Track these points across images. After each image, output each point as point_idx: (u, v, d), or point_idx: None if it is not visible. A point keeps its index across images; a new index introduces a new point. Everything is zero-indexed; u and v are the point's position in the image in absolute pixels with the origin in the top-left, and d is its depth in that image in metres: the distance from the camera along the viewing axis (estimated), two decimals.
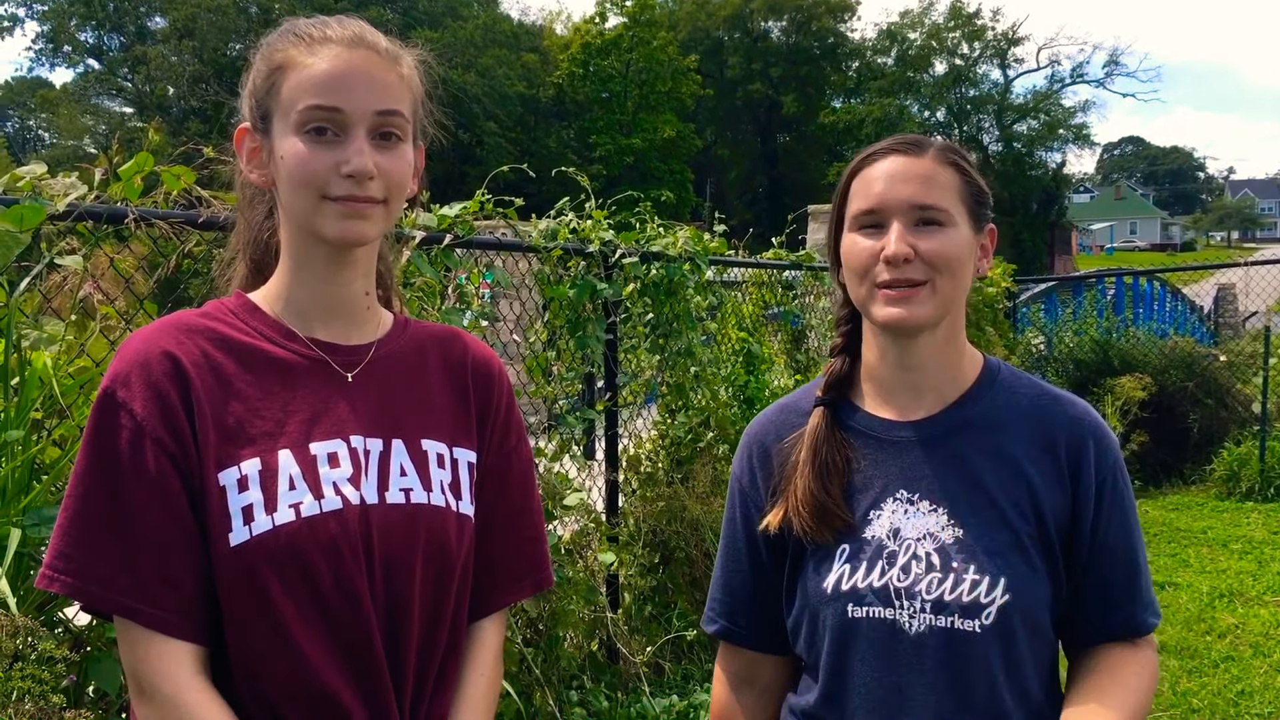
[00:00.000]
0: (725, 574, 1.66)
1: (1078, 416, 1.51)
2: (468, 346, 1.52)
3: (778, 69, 55.50)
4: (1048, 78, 55.94)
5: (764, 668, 1.64)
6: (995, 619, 1.40)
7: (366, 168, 1.27)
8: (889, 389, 1.55)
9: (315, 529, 1.26)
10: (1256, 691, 4.49)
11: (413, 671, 1.34)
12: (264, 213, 1.43)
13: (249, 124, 1.36)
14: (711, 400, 4.88)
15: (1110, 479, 1.49)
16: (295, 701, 1.26)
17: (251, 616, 1.24)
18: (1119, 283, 12.04)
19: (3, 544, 1.90)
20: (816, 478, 1.51)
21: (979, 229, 1.50)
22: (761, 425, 1.67)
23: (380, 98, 1.30)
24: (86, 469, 1.23)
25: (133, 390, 1.24)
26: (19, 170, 2.29)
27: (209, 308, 1.38)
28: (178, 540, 1.23)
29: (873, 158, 1.50)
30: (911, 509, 1.48)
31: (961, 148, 1.54)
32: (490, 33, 47.97)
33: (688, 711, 3.88)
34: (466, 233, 3.28)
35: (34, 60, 73.56)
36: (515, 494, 1.50)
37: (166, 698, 1.21)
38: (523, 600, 1.80)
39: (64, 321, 2.30)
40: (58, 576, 1.21)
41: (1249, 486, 8.14)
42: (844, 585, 1.47)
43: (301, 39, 1.32)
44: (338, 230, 1.29)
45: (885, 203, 1.45)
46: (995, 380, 1.54)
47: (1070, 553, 1.47)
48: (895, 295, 1.43)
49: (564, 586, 3.56)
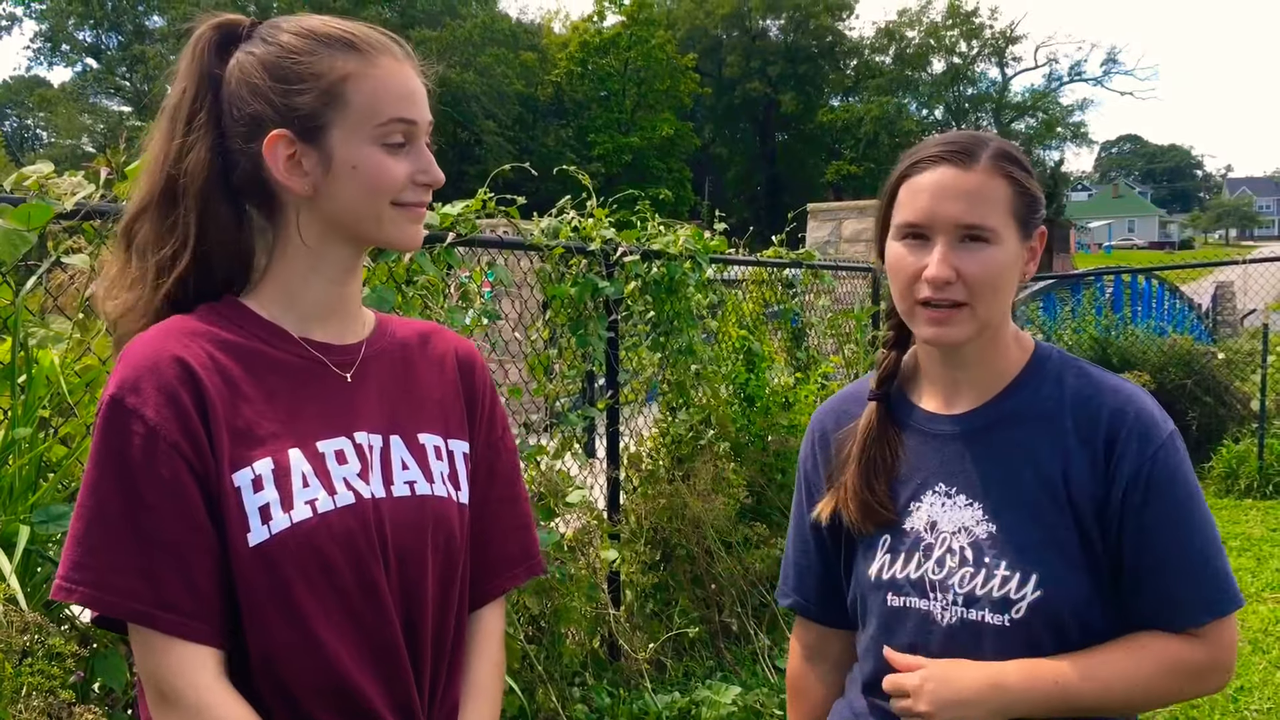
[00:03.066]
0: (794, 552, 1.72)
1: (1119, 406, 1.47)
2: (449, 341, 1.55)
3: (776, 67, 55.50)
4: (1045, 76, 56.08)
5: (834, 641, 1.70)
6: (1025, 615, 1.41)
7: (440, 177, 1.36)
8: (937, 383, 1.57)
9: (332, 525, 1.27)
10: (1255, 688, 4.50)
11: (429, 661, 1.37)
12: (232, 214, 1.36)
13: (286, 131, 1.31)
14: (712, 398, 4.89)
15: (1150, 468, 1.43)
16: (320, 696, 1.27)
17: (274, 615, 1.24)
18: (1117, 281, 12.05)
19: (11, 541, 1.91)
20: (863, 474, 1.54)
21: (1028, 236, 1.48)
22: (825, 412, 1.72)
23: (427, 107, 1.38)
24: (99, 477, 1.22)
25: (144, 396, 1.23)
26: (26, 169, 2.30)
27: (202, 311, 1.35)
28: (195, 545, 1.22)
29: (921, 165, 1.46)
30: (949, 502, 1.50)
31: (1015, 149, 1.50)
32: (488, 31, 47.92)
33: (689, 708, 3.89)
34: (469, 231, 3.29)
35: (32, 59, 73.68)
36: (505, 483, 1.53)
37: (190, 704, 1.20)
38: (518, 588, 1.82)
39: (70, 320, 2.30)
40: (75, 588, 1.20)
41: (1248, 484, 8.16)
42: (884, 575, 1.51)
43: (352, 48, 1.32)
44: (408, 235, 1.37)
45: (931, 219, 1.43)
46: (1042, 370, 1.53)
47: (1112, 545, 1.44)
48: (936, 316, 1.44)
49: (566, 584, 3.57)
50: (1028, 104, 53.20)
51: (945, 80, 53.78)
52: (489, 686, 1.46)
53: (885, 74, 54.59)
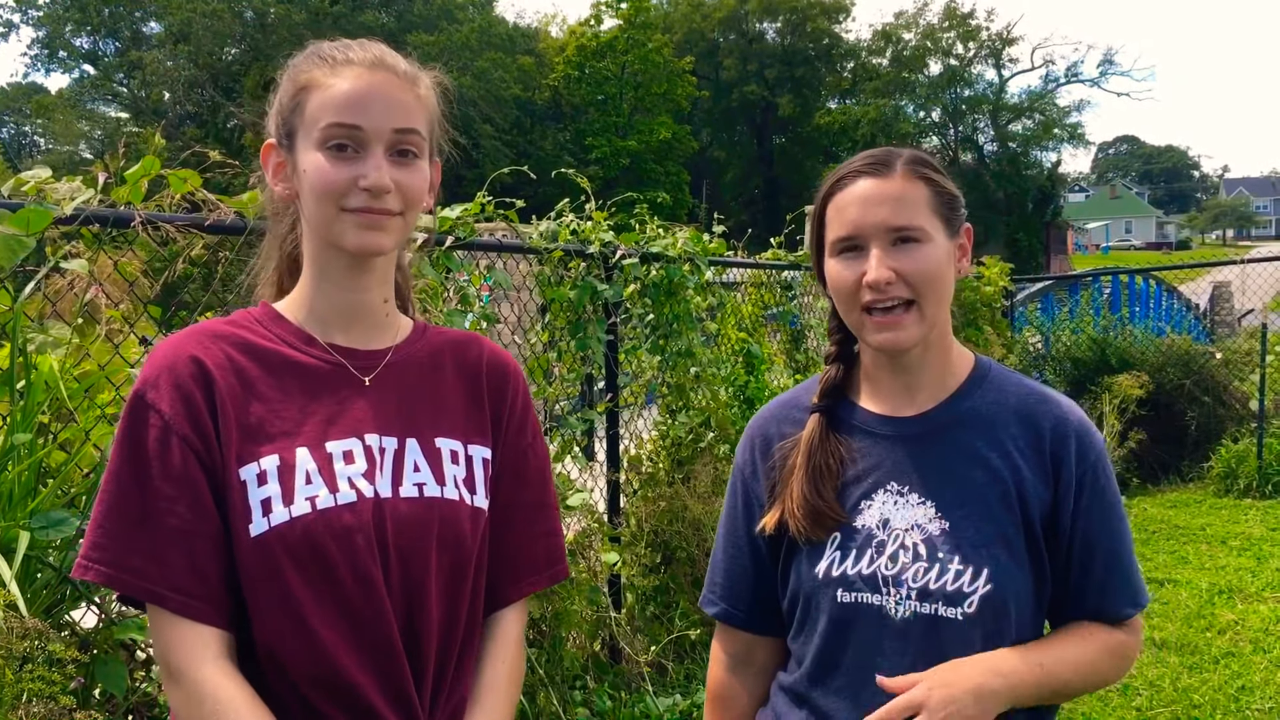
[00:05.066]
0: (726, 559, 1.74)
1: (1063, 415, 1.56)
2: (484, 349, 1.58)
3: (773, 70, 55.50)
4: (1042, 78, 56.14)
5: (760, 649, 1.72)
6: (977, 607, 1.47)
7: (383, 183, 1.35)
8: (884, 389, 1.62)
9: (330, 520, 1.32)
10: (1257, 687, 4.50)
11: (434, 658, 1.39)
12: (288, 225, 1.51)
13: (275, 140, 1.44)
14: (712, 400, 4.89)
15: (1091, 474, 1.53)
16: (316, 685, 1.32)
17: (271, 604, 1.30)
18: (1115, 281, 12.04)
19: (11, 547, 1.91)
20: (810, 482, 1.58)
21: (954, 233, 1.56)
22: (764, 418, 1.74)
23: (398, 116, 1.38)
24: (119, 465, 1.30)
25: (161, 392, 1.32)
26: (24, 174, 2.30)
27: (236, 316, 1.46)
28: (202, 532, 1.30)
29: (843, 182, 1.55)
30: (901, 500, 1.55)
31: (927, 154, 1.59)
32: (485, 36, 47.90)
33: (690, 711, 3.89)
34: (467, 235, 3.29)
35: (29, 65, 73.66)
36: (533, 489, 1.56)
37: (191, 679, 1.27)
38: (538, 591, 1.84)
39: (69, 325, 2.30)
40: (92, 565, 1.28)
41: (1247, 483, 8.15)
42: (834, 571, 1.54)
43: (325, 61, 1.40)
44: (356, 240, 1.38)
45: (861, 229, 1.51)
46: (985, 379, 1.61)
47: (1053, 544, 1.53)
48: (884, 321, 1.50)
49: (567, 587, 3.56)
50: (1025, 105, 53.13)
51: (942, 82, 53.71)
52: (501, 687, 1.48)
53: (882, 76, 54.55)
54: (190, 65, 43.26)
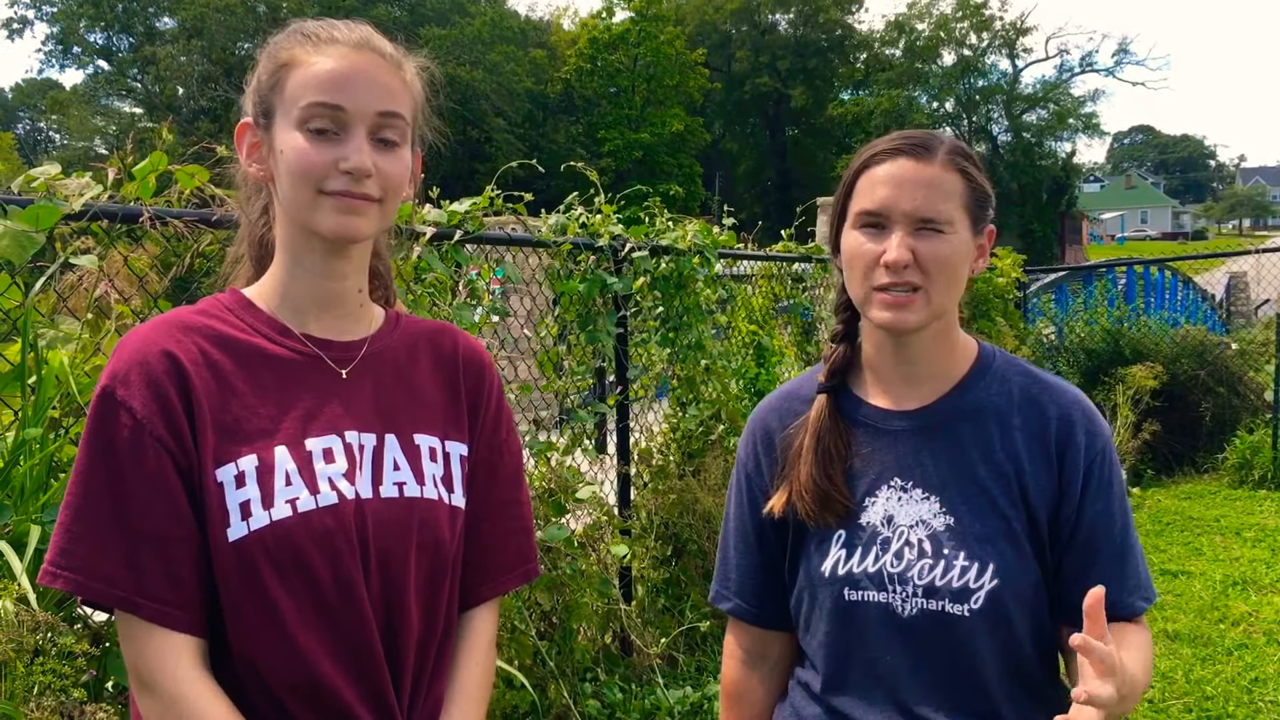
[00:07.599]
0: (735, 554, 1.71)
1: (1067, 404, 1.54)
2: (458, 340, 1.54)
3: (785, 62, 55.36)
4: (1057, 67, 55.76)
5: (774, 644, 1.71)
6: (984, 603, 1.45)
7: (365, 165, 1.29)
8: (886, 379, 1.60)
9: (311, 524, 1.28)
10: (1270, 679, 4.48)
11: (411, 662, 1.36)
12: (260, 209, 1.45)
13: (251, 119, 1.38)
14: (722, 393, 4.89)
15: (1096, 465, 1.51)
16: (295, 692, 1.28)
17: (249, 610, 1.26)
18: (1130, 272, 11.96)
19: (23, 541, 1.92)
20: (819, 464, 1.56)
21: (978, 231, 1.53)
22: (765, 411, 1.71)
23: (382, 99, 1.33)
24: (88, 466, 1.24)
25: (132, 389, 1.25)
26: (33, 171, 2.31)
27: (205, 304, 1.39)
28: (177, 536, 1.25)
29: (880, 157, 1.51)
30: (905, 496, 1.53)
31: (969, 147, 1.56)
32: (497, 29, 47.90)
33: (701, 703, 3.90)
34: (476, 228, 3.29)
35: (44, 61, 74.00)
36: (505, 486, 1.53)
37: (167, 690, 1.23)
38: (515, 589, 1.81)
39: (80, 321, 2.31)
40: (60, 573, 1.22)
41: (1262, 474, 8.10)
42: (840, 569, 1.53)
43: (308, 39, 1.35)
44: (333, 224, 1.31)
45: (889, 208, 1.47)
46: (989, 369, 1.58)
47: (1056, 536, 1.50)
48: (891, 300, 1.47)
49: (577, 580, 3.57)
50: (1039, 95, 52.77)
51: (955, 73, 53.38)
52: (474, 689, 1.45)
53: (895, 67, 54.28)
54: (204, 60, 43.43)
